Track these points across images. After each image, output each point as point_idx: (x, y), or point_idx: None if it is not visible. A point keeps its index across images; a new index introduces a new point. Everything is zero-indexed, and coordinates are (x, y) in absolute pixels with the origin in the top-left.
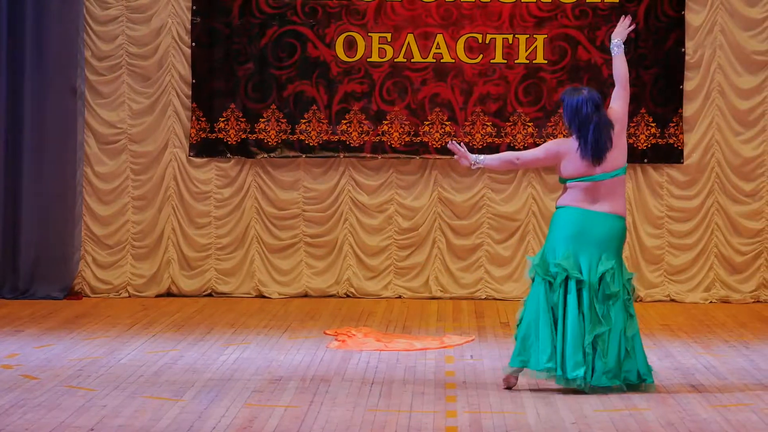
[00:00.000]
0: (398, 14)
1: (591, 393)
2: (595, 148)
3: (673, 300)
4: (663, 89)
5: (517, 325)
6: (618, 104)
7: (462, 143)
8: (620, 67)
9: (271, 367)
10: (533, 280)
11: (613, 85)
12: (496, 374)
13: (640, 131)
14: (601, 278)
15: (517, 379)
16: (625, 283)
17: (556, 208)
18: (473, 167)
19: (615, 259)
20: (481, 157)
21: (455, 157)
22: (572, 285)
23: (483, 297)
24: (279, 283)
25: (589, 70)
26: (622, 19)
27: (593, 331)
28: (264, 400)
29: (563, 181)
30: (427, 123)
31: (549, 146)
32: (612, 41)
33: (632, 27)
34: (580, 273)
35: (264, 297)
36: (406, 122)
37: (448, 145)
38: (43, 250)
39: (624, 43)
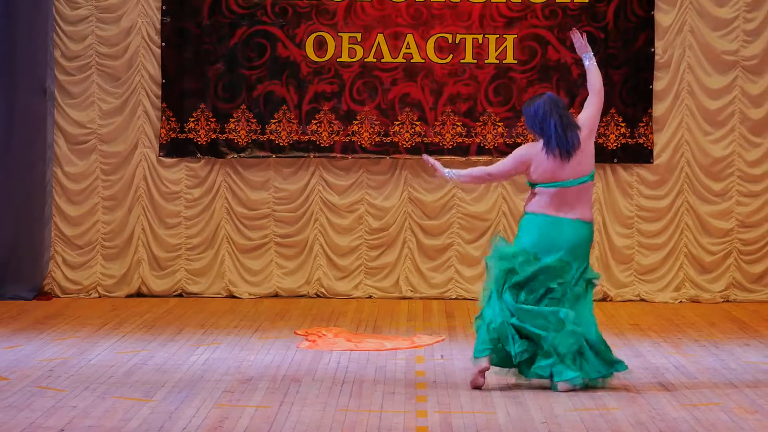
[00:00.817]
0: (368, 14)
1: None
2: (560, 141)
3: (643, 300)
4: (632, 89)
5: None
6: (588, 111)
7: (432, 157)
8: (593, 78)
9: (242, 367)
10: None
11: (583, 85)
12: (467, 374)
13: (609, 131)
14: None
15: (485, 378)
16: (588, 282)
17: (525, 213)
18: (447, 179)
19: (585, 262)
20: (452, 172)
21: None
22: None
23: (453, 297)
24: (249, 283)
25: (558, 70)
26: (572, 35)
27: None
28: (234, 401)
29: (532, 185)
30: (397, 123)
31: (517, 153)
32: (585, 57)
33: (584, 35)
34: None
35: (234, 297)
36: (377, 122)
37: (423, 158)
38: (12, 251)
39: (591, 50)
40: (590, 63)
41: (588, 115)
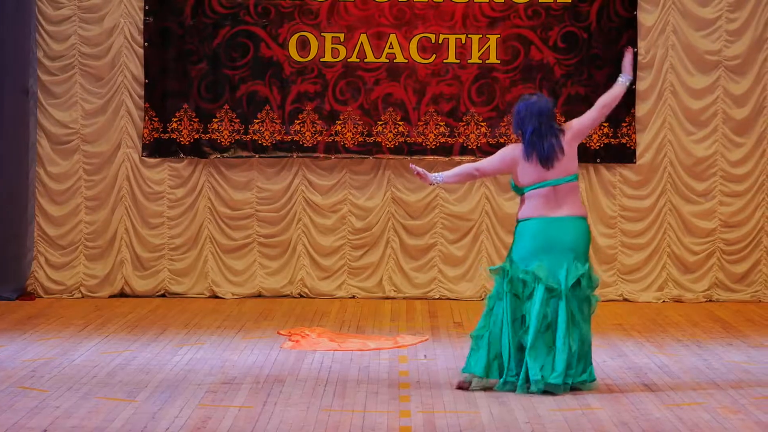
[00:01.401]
0: (351, 14)
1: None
2: (534, 147)
3: (626, 299)
4: None
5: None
6: (584, 119)
7: (418, 168)
8: (610, 95)
9: (225, 367)
10: (494, 294)
11: (565, 85)
12: (450, 374)
13: (592, 131)
14: (577, 283)
15: (470, 383)
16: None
17: (517, 222)
18: (434, 185)
19: (587, 263)
20: (440, 175)
21: (419, 178)
22: (540, 293)
23: (436, 297)
24: (232, 283)
25: (541, 70)
26: (627, 53)
27: (574, 335)
28: (218, 401)
29: (520, 191)
30: (380, 123)
31: (504, 152)
32: (621, 76)
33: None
34: (558, 282)
35: (217, 297)
36: (360, 122)
37: (410, 167)
38: None
39: (630, 76)
40: (622, 83)
41: (582, 123)
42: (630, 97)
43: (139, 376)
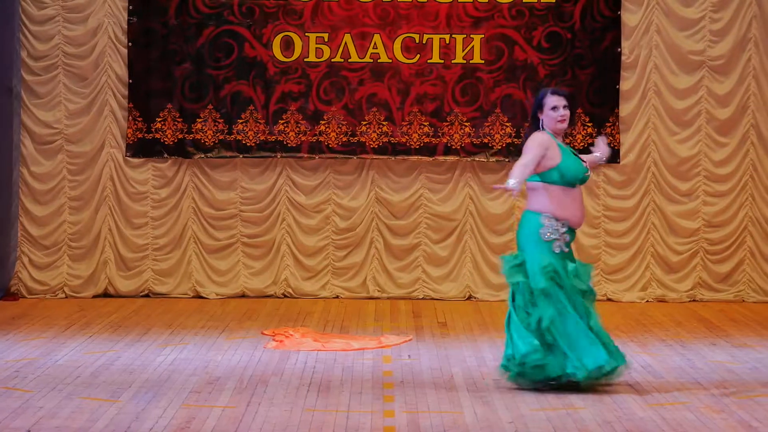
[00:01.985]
0: (335, 14)
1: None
2: None
3: (609, 299)
4: (599, 89)
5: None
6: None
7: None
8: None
9: (209, 367)
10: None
11: (547, 84)
12: (434, 374)
13: (576, 131)
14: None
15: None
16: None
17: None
18: (516, 190)
19: (520, 251)
20: (512, 182)
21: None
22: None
23: (420, 297)
24: (216, 283)
25: (525, 70)
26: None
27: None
28: (201, 401)
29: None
30: (364, 123)
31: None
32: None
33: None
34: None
35: (201, 297)
36: (344, 122)
37: (493, 187)
38: None
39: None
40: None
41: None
42: (614, 97)
43: (122, 376)
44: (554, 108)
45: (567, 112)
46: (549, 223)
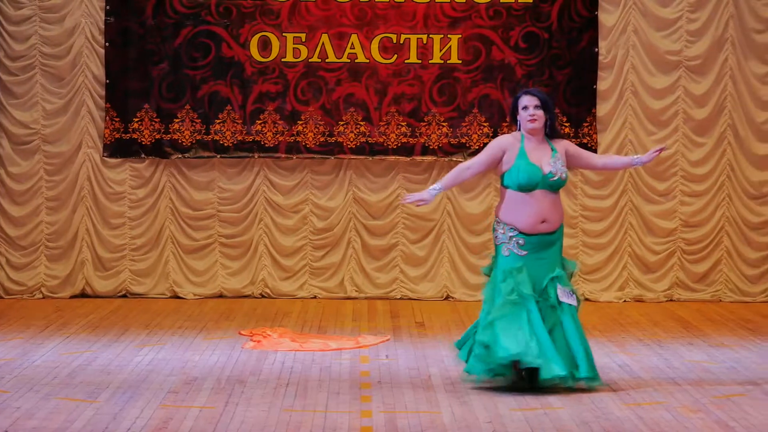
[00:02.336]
0: (313, 14)
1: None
2: None
3: (587, 299)
4: (576, 89)
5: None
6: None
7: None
8: (614, 161)
9: (186, 367)
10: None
11: (525, 85)
12: (411, 374)
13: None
14: None
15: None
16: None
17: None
18: (434, 195)
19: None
20: (436, 186)
21: (414, 203)
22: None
23: (398, 297)
24: (194, 283)
25: (503, 70)
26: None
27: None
28: (179, 401)
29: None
30: (341, 123)
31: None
32: (637, 157)
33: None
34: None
35: (179, 297)
36: (321, 122)
37: (402, 202)
38: None
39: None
40: (633, 161)
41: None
42: (591, 97)
43: (100, 376)
44: (525, 108)
45: (538, 112)
46: (497, 227)
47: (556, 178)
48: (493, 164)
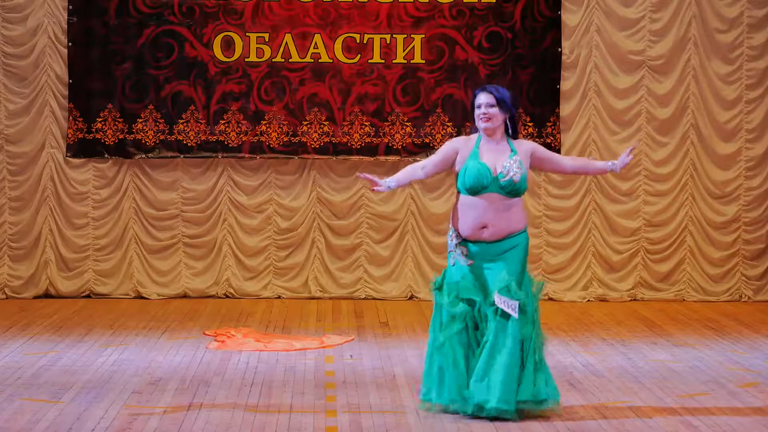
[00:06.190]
0: (276, 14)
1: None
2: None
3: (551, 299)
4: (540, 89)
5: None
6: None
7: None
8: (586, 165)
9: (151, 368)
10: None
11: (488, 82)
12: (376, 373)
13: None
14: None
15: None
16: None
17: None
18: (386, 190)
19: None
20: (389, 180)
21: (371, 183)
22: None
23: (362, 297)
24: (158, 283)
25: (466, 70)
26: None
27: None
28: (143, 402)
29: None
30: (305, 123)
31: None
32: (612, 163)
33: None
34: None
35: (143, 298)
36: (285, 122)
37: (359, 176)
38: None
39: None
40: (607, 166)
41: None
42: (554, 97)
43: (64, 377)
44: (478, 106)
45: (491, 110)
46: (449, 233)
47: (507, 179)
48: (447, 165)
